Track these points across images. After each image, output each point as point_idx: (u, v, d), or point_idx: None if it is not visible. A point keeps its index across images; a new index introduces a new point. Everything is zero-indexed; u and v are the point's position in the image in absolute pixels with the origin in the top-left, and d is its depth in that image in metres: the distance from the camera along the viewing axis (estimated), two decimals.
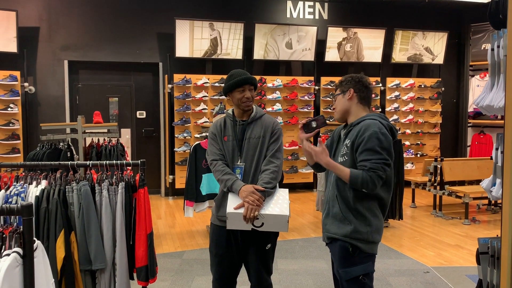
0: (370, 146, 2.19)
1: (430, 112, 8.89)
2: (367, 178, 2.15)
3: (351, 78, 2.42)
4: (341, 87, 2.44)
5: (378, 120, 2.29)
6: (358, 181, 2.17)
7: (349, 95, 2.38)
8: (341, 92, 2.42)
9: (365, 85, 2.39)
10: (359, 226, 2.24)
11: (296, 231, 5.63)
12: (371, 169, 2.16)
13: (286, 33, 8.02)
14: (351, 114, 2.40)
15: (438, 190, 6.45)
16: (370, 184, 2.15)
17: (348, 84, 2.40)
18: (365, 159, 2.19)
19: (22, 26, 6.97)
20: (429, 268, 4.30)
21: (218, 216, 2.65)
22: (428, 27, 8.82)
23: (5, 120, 6.80)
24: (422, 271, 4.24)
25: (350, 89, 2.38)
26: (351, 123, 2.36)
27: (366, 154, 2.19)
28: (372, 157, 2.18)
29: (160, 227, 5.89)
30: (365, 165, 2.18)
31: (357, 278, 2.25)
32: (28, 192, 2.56)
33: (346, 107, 2.40)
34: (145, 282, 2.67)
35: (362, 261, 2.26)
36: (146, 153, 7.88)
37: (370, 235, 2.25)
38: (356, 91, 2.38)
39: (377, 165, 2.16)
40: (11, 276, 1.33)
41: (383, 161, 2.18)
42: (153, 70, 7.89)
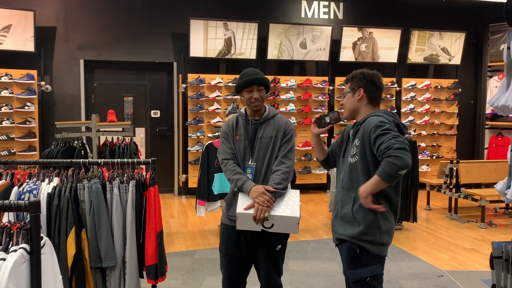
0: (378, 133, 2.13)
1: (447, 114, 8.75)
2: (390, 160, 2.04)
3: (363, 75, 2.34)
4: (351, 84, 2.37)
5: (383, 116, 2.24)
6: (387, 170, 2.05)
7: (358, 95, 2.33)
8: (351, 90, 2.37)
9: (376, 84, 2.33)
10: (368, 227, 2.20)
11: (309, 232, 5.59)
12: (386, 149, 2.06)
13: (301, 33, 7.98)
14: (359, 114, 2.36)
15: (454, 193, 6.34)
16: (397, 162, 2.02)
17: (359, 83, 2.34)
18: (378, 145, 2.12)
19: (39, 25, 7.06)
20: (443, 272, 4.22)
21: (229, 216, 2.63)
22: (445, 27, 8.69)
23: (22, 118, 6.90)
24: (436, 274, 4.16)
25: (360, 88, 2.32)
26: (358, 122, 2.33)
27: (377, 140, 2.13)
28: (382, 139, 2.11)
29: (172, 226, 5.91)
30: (380, 149, 2.10)
31: (364, 280, 2.21)
32: (40, 189, 2.59)
33: (355, 107, 2.36)
34: (155, 281, 2.68)
35: (370, 262, 2.22)
36: (160, 152, 7.92)
37: (378, 236, 2.21)
38: (366, 91, 2.32)
39: (389, 141, 2.07)
40: (17, 272, 1.34)
41: (392, 136, 2.09)
42: (168, 70, 7.93)
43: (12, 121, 6.82)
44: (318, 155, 2.61)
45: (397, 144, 2.05)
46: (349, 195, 2.28)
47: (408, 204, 5.58)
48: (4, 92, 6.77)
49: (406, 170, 2.06)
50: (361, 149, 2.23)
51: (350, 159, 2.31)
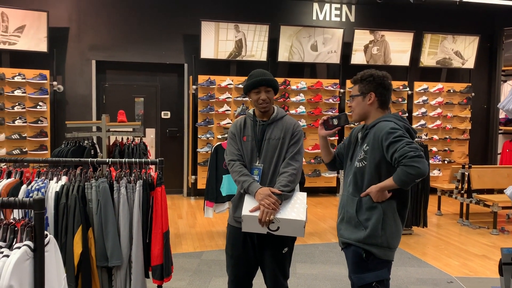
0: (391, 140, 2.11)
1: (459, 118, 8.64)
2: (404, 169, 2.05)
3: (373, 78, 2.28)
4: (360, 86, 2.32)
5: (392, 121, 2.21)
6: (403, 179, 2.07)
7: (369, 100, 2.29)
8: (361, 94, 2.32)
9: (387, 87, 2.29)
10: (374, 231, 2.17)
11: (317, 236, 5.55)
12: (401, 157, 2.05)
13: (312, 35, 7.95)
14: (369, 117, 2.32)
15: (466, 198, 6.25)
16: (412, 172, 2.03)
17: (369, 86, 2.28)
18: (392, 152, 2.10)
19: (52, 26, 7.14)
20: (453, 278, 4.16)
21: (235, 217, 2.62)
22: (458, 30, 8.59)
23: (34, 118, 6.97)
24: (445, 280, 4.10)
25: (371, 93, 2.28)
26: (367, 126, 2.29)
27: (391, 147, 2.11)
28: (396, 146, 2.09)
29: (180, 226, 5.92)
30: (395, 157, 2.09)
31: (369, 285, 2.18)
32: (48, 187, 2.60)
33: (365, 111, 2.32)
34: (160, 281, 2.67)
35: (376, 267, 2.19)
36: (170, 153, 7.95)
37: (385, 240, 2.18)
38: (377, 95, 2.28)
39: (403, 149, 2.06)
40: (20, 269, 1.34)
41: (406, 143, 2.08)
42: (179, 71, 7.96)
43: (25, 120, 6.90)
44: (324, 157, 2.59)
45: (412, 152, 2.04)
46: (353, 199, 2.25)
47: (418, 209, 5.51)
48: (17, 91, 6.85)
49: (422, 178, 2.07)
50: (371, 154, 2.20)
51: (357, 163, 2.28)
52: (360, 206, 2.22)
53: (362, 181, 2.26)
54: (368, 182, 2.23)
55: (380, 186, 2.17)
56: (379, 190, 2.17)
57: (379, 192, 2.17)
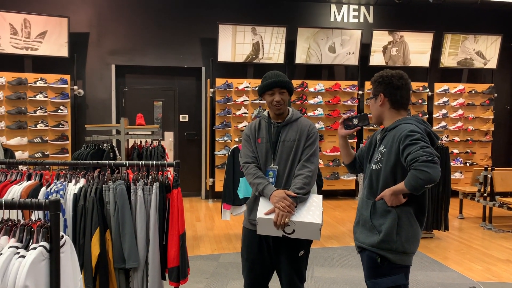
0: (408, 142, 2.06)
1: (481, 119, 8.46)
2: (414, 173, 1.99)
3: (382, 79, 2.24)
4: (372, 89, 2.30)
5: (414, 124, 2.16)
6: (412, 183, 2.01)
7: (380, 101, 2.25)
8: (373, 96, 2.29)
9: (396, 86, 2.22)
10: (388, 235, 2.12)
11: (335, 239, 5.49)
12: (413, 160, 2.00)
13: (330, 37, 7.91)
14: (385, 119, 2.28)
15: (488, 201, 6.10)
16: (421, 176, 1.97)
17: (379, 87, 2.25)
18: (406, 155, 2.05)
19: (73, 31, 7.28)
20: (476, 283, 4.05)
21: (250, 220, 2.61)
22: (480, 30, 8.42)
23: (55, 122, 7.11)
24: (467, 285, 4.00)
25: (380, 94, 2.24)
26: (386, 128, 2.25)
27: (406, 150, 2.06)
28: (411, 149, 2.03)
29: (198, 229, 5.94)
30: (407, 160, 2.04)
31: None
32: (67, 189, 2.63)
33: (378, 113, 2.28)
34: (177, 283, 2.68)
35: (391, 272, 2.13)
36: (188, 156, 8.00)
37: (400, 245, 2.12)
38: (386, 95, 2.23)
39: (417, 152, 2.00)
40: (36, 270, 1.35)
41: (420, 147, 2.02)
42: (196, 75, 8.01)
43: (46, 124, 7.04)
44: (343, 157, 2.55)
45: (424, 157, 1.97)
46: (368, 202, 2.21)
47: (439, 212, 5.41)
48: (39, 96, 7.00)
49: (433, 184, 2.00)
50: (387, 157, 2.16)
51: (373, 165, 2.25)
52: (374, 209, 2.18)
53: (377, 184, 2.22)
54: (383, 185, 2.18)
55: (393, 189, 2.12)
56: (392, 194, 2.13)
57: (392, 196, 2.12)
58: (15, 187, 2.65)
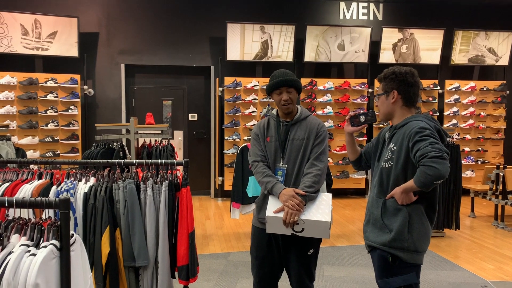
0: (417, 138, 2.05)
1: (493, 117, 8.36)
2: (423, 169, 1.97)
3: (395, 75, 2.21)
4: (383, 85, 2.26)
5: (424, 121, 2.14)
6: (421, 179, 1.99)
7: (393, 98, 2.22)
8: (384, 93, 2.26)
9: (410, 83, 2.20)
10: (399, 234, 2.10)
11: (345, 238, 5.47)
12: (421, 156, 1.99)
13: (339, 34, 7.87)
14: (395, 116, 2.26)
15: (500, 200, 6.03)
16: (430, 172, 1.95)
17: (392, 84, 2.22)
18: (415, 151, 2.04)
19: (82, 31, 7.33)
20: (488, 282, 4.01)
21: (259, 218, 2.61)
22: (491, 26, 8.32)
23: (65, 121, 7.17)
24: (479, 285, 3.96)
25: (393, 91, 2.21)
26: (395, 126, 2.23)
27: (415, 146, 2.05)
28: (420, 145, 2.02)
29: (208, 228, 5.95)
30: (416, 156, 2.02)
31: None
32: (77, 188, 2.65)
33: (389, 110, 2.25)
34: (186, 282, 2.68)
35: (402, 271, 2.11)
36: (197, 154, 8.02)
37: (412, 243, 2.10)
38: (400, 93, 2.21)
39: (425, 148, 1.99)
40: (47, 268, 1.36)
41: (429, 143, 2.00)
42: (205, 74, 8.03)
43: (57, 123, 7.10)
44: (349, 154, 2.54)
45: (433, 153, 1.96)
46: (378, 201, 2.19)
47: (450, 211, 5.35)
48: (49, 96, 7.06)
49: (442, 180, 1.98)
50: (397, 154, 2.14)
51: (383, 163, 2.22)
52: (385, 208, 2.16)
53: (387, 182, 2.20)
54: (394, 184, 2.17)
55: (403, 187, 2.11)
56: (402, 192, 2.11)
57: (403, 194, 2.11)
58: (26, 186, 2.68)
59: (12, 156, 4.31)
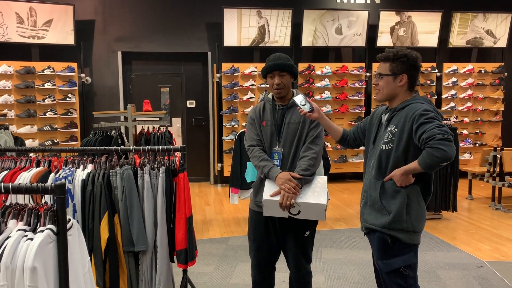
0: (422, 120, 2.06)
1: (491, 99, 8.35)
2: (430, 151, 1.99)
3: (407, 58, 2.18)
4: (392, 66, 2.20)
5: (426, 104, 2.16)
6: (427, 161, 2.01)
7: (400, 81, 2.20)
8: (392, 74, 2.21)
9: (418, 68, 2.21)
10: (398, 215, 2.12)
11: (343, 221, 5.52)
12: (428, 138, 2.00)
13: (336, 18, 7.82)
14: (397, 99, 2.24)
15: (498, 182, 6.07)
16: (438, 154, 1.97)
17: (402, 67, 2.18)
18: (421, 133, 2.04)
19: (78, 19, 7.29)
20: (484, 263, 4.06)
21: (256, 202, 2.64)
22: (489, 8, 8.26)
23: (64, 109, 7.17)
24: (475, 265, 4.01)
25: (403, 74, 2.19)
26: (395, 108, 2.22)
27: (420, 129, 2.05)
28: (425, 127, 2.03)
29: (208, 213, 6.00)
30: (422, 138, 2.03)
31: (397, 270, 2.15)
32: (75, 175, 2.68)
33: (394, 92, 2.23)
34: (185, 265, 2.72)
35: (402, 252, 2.14)
36: (196, 141, 8.03)
37: (410, 224, 2.13)
38: (409, 77, 2.20)
39: (432, 131, 2.00)
40: (44, 251, 1.39)
41: (435, 125, 2.02)
42: (202, 60, 8.00)
43: (55, 112, 7.10)
44: (332, 135, 2.58)
45: (440, 135, 1.97)
46: (377, 183, 2.20)
47: (447, 193, 5.39)
48: (47, 84, 7.05)
49: (448, 162, 2.00)
50: (399, 137, 2.14)
51: (382, 145, 2.22)
52: (383, 190, 2.18)
53: (386, 165, 2.21)
54: (393, 166, 2.18)
55: (405, 169, 2.12)
56: (403, 174, 2.12)
57: (403, 175, 2.12)
58: (25, 173, 2.70)
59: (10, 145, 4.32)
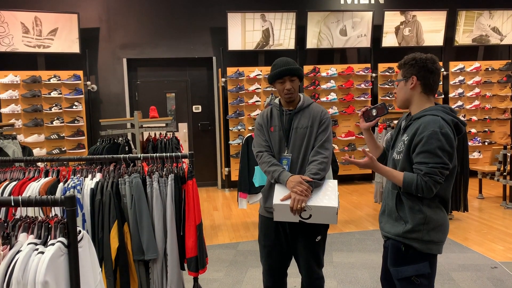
0: (429, 148, 1.99)
1: (499, 97, 8.27)
2: (421, 184, 1.99)
3: (415, 61, 2.13)
4: (403, 71, 2.18)
5: (440, 116, 2.05)
6: (412, 186, 2.02)
7: (411, 84, 2.14)
8: (403, 78, 2.17)
9: (430, 70, 2.12)
10: (414, 224, 2.06)
11: (353, 224, 5.47)
12: (427, 174, 1.98)
13: (340, 19, 7.79)
14: (413, 104, 2.18)
15: (509, 180, 6.00)
16: (426, 190, 2.00)
17: (411, 70, 2.14)
18: (422, 161, 2.01)
19: (83, 27, 7.32)
20: (498, 264, 4.01)
21: (266, 207, 2.61)
22: (495, 5, 8.20)
23: (70, 118, 7.19)
24: (489, 266, 3.96)
25: (413, 76, 2.13)
26: (412, 116, 2.15)
27: (423, 156, 2.01)
28: (430, 160, 1.99)
29: (216, 218, 5.98)
30: (421, 169, 2.00)
31: (408, 278, 2.09)
32: (83, 184, 2.67)
33: (408, 96, 2.17)
34: (195, 273, 2.70)
35: (415, 260, 2.08)
36: (203, 146, 8.03)
37: (426, 233, 2.06)
38: (419, 78, 2.12)
39: (434, 169, 1.98)
40: (55, 265, 1.37)
41: (441, 165, 1.99)
42: (207, 65, 8.00)
43: (62, 120, 7.12)
44: (371, 152, 2.43)
45: (438, 177, 1.99)
46: (393, 192, 2.15)
47: (458, 193, 5.34)
48: (53, 93, 7.08)
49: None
50: (408, 147, 2.09)
51: (395, 154, 2.18)
52: (399, 200, 2.13)
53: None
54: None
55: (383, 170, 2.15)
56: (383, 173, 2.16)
57: (364, 163, 2.17)
58: (33, 184, 2.69)
59: (18, 154, 4.33)
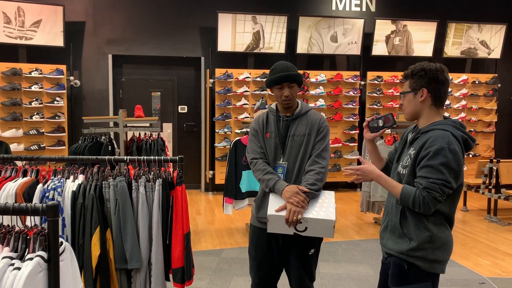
0: (433, 163, 1.90)
1: (485, 110, 8.34)
2: (419, 198, 1.90)
3: (424, 72, 2.02)
4: (411, 82, 2.06)
5: (449, 131, 1.95)
6: (409, 200, 1.93)
7: (421, 97, 2.03)
8: (412, 90, 2.06)
9: (441, 81, 2.01)
10: (420, 242, 1.96)
11: (339, 233, 5.39)
12: (426, 188, 1.89)
13: (331, 26, 7.74)
14: (422, 117, 2.07)
15: (494, 194, 6.01)
16: (422, 205, 1.90)
17: (421, 81, 2.02)
18: (423, 176, 1.92)
19: (68, 20, 7.08)
20: (485, 279, 3.97)
21: (258, 218, 2.49)
22: (484, 19, 8.28)
23: (51, 113, 6.94)
24: (477, 281, 3.91)
25: (423, 88, 2.02)
26: (420, 130, 2.05)
27: (425, 171, 1.92)
28: (432, 175, 1.90)
29: (199, 223, 5.82)
30: (421, 183, 1.91)
31: None
32: (65, 186, 2.50)
33: (417, 109, 2.07)
34: (181, 285, 2.56)
35: (418, 280, 1.99)
36: (187, 147, 7.85)
37: (431, 252, 1.97)
38: (430, 91, 2.02)
39: (434, 185, 1.88)
40: (33, 283, 1.23)
41: (442, 182, 1.89)
42: (195, 65, 7.84)
43: (42, 115, 6.87)
44: (374, 164, 2.30)
45: (438, 195, 1.89)
46: (398, 207, 2.05)
47: None
48: (34, 87, 6.82)
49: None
50: (414, 161, 1.99)
51: (400, 168, 2.08)
52: (404, 217, 2.03)
53: None
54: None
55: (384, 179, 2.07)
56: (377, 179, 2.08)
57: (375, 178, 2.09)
58: (10, 184, 2.51)
59: None
